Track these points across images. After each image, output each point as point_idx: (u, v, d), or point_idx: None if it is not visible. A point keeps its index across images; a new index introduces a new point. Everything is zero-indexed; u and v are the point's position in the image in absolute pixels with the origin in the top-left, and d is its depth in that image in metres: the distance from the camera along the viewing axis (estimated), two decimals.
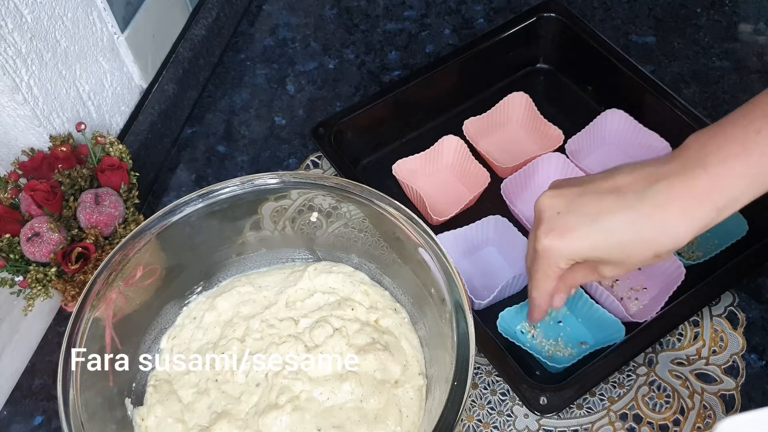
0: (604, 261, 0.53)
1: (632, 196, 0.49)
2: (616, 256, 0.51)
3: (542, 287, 0.57)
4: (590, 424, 0.65)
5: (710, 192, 0.48)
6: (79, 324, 0.55)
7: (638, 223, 0.49)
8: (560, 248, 0.52)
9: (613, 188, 0.51)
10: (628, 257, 0.51)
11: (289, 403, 0.59)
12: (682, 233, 0.49)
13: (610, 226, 0.50)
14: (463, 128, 0.78)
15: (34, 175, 0.67)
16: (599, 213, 0.50)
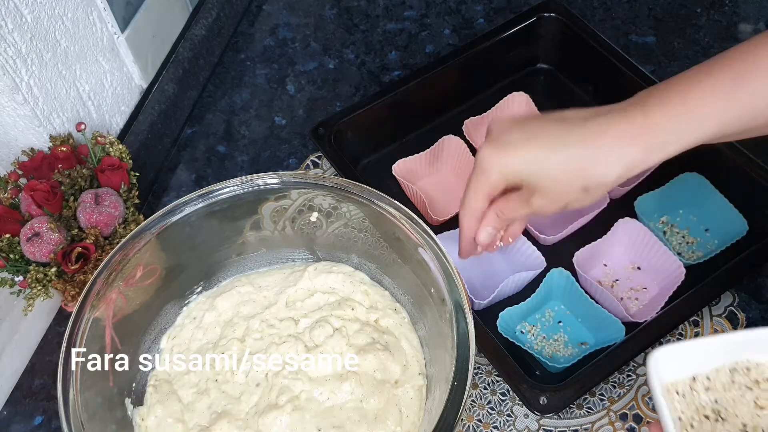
0: (534, 186, 0.54)
1: (573, 124, 0.52)
2: (544, 179, 0.53)
3: (472, 202, 0.57)
4: (590, 424, 0.65)
5: (643, 132, 0.50)
6: (79, 324, 0.55)
7: (571, 148, 0.51)
8: (497, 159, 0.53)
9: (559, 118, 0.53)
10: (556, 183, 0.52)
11: (289, 403, 0.59)
12: (610, 168, 0.51)
13: (545, 144, 0.52)
14: (463, 128, 0.78)
15: (34, 175, 0.67)
16: (539, 132, 0.53)
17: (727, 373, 0.46)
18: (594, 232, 0.71)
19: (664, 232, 0.73)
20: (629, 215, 0.71)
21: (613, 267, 0.72)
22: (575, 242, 0.70)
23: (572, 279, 0.68)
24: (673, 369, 0.46)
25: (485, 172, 0.55)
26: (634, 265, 0.72)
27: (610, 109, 0.52)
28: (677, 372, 0.46)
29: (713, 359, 0.46)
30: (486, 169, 0.54)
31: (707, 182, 0.73)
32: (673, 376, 0.46)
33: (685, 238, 0.73)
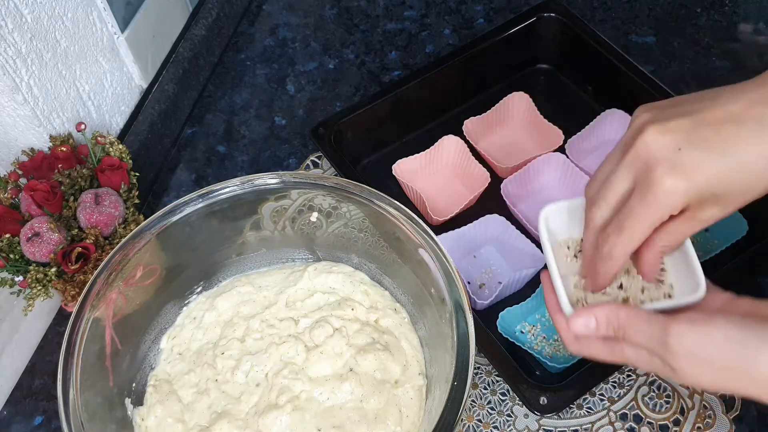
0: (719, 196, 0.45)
1: (753, 123, 0.44)
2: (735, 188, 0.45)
3: (637, 236, 0.47)
4: (590, 424, 0.65)
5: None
6: (79, 324, 0.55)
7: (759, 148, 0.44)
8: (683, 187, 0.44)
9: (729, 117, 0.45)
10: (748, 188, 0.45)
11: (289, 403, 0.59)
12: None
13: (739, 156, 0.44)
14: (463, 128, 0.78)
15: (34, 175, 0.67)
16: (725, 144, 0.44)
17: None
18: None
19: None
20: None
21: None
22: None
23: None
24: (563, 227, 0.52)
25: (666, 204, 0.45)
26: None
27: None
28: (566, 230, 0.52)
29: None
30: (670, 199, 0.45)
31: None
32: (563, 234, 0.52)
33: None
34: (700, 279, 0.48)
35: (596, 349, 0.48)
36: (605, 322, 0.46)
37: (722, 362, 0.42)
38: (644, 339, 0.45)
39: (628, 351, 0.46)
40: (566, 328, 0.49)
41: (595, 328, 0.47)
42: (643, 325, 0.45)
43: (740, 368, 0.42)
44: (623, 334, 0.46)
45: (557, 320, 0.50)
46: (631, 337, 0.45)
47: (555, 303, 0.50)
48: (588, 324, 0.47)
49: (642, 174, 0.46)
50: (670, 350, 0.43)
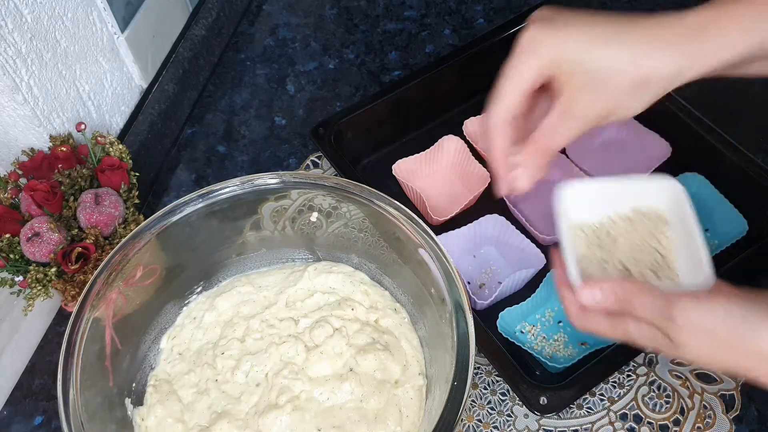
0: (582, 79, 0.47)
1: (627, 19, 0.47)
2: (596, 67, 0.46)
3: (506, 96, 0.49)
4: (590, 424, 0.65)
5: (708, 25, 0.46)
6: (79, 324, 0.55)
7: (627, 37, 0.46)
8: (549, 40, 0.47)
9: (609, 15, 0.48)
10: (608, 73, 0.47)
11: (289, 403, 0.59)
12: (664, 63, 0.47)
13: (600, 30, 0.47)
14: (463, 128, 0.78)
15: (34, 175, 0.67)
16: (590, 19, 0.47)
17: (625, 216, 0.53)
18: None
19: None
20: None
21: None
22: None
23: None
24: (580, 209, 0.53)
25: (532, 55, 0.47)
26: None
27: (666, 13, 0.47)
28: (583, 213, 0.53)
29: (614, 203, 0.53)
30: (533, 50, 0.47)
31: (707, 182, 0.73)
32: (579, 217, 0.53)
33: None
34: (707, 267, 0.49)
35: (600, 324, 0.49)
36: (612, 295, 0.47)
37: (723, 336, 0.43)
38: (649, 311, 0.46)
39: (631, 326, 0.47)
40: (573, 300, 0.50)
41: (601, 299, 0.48)
42: (648, 298, 0.46)
43: (740, 343, 0.43)
44: (628, 307, 0.47)
45: (564, 294, 0.51)
46: (635, 309, 0.46)
47: (563, 277, 0.50)
48: (595, 295, 0.48)
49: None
50: (674, 322, 0.44)
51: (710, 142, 0.73)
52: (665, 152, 0.75)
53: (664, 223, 0.52)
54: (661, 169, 0.74)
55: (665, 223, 0.52)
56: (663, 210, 0.53)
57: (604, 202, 0.53)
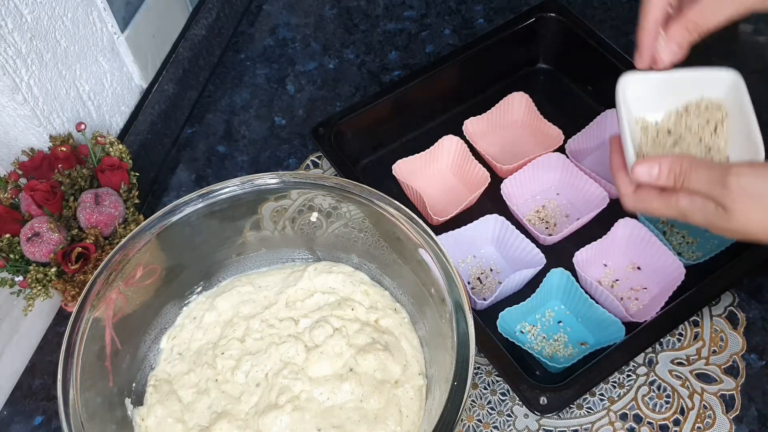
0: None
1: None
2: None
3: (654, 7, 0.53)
4: (590, 424, 0.65)
5: None
6: (79, 324, 0.55)
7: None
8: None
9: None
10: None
11: (289, 403, 0.59)
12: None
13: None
14: (463, 128, 0.78)
15: (34, 175, 0.67)
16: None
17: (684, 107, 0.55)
18: (594, 232, 0.71)
19: (664, 232, 0.73)
20: (629, 215, 0.71)
21: (613, 267, 0.72)
22: (575, 242, 0.70)
23: (572, 279, 0.68)
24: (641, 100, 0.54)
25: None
26: (634, 265, 0.72)
27: None
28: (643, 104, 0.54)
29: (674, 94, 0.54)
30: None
31: None
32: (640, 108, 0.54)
33: (685, 238, 0.73)
34: (761, 148, 0.51)
35: (653, 202, 0.51)
36: (668, 169, 0.49)
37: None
38: (704, 182, 0.47)
39: (684, 200, 0.49)
40: (627, 182, 0.52)
41: (657, 175, 0.49)
42: (704, 170, 0.47)
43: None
44: (683, 180, 0.48)
45: (619, 177, 0.53)
46: (690, 182, 0.48)
47: (619, 161, 0.53)
48: (651, 170, 0.50)
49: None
50: (729, 188, 0.46)
51: None
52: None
53: (722, 112, 0.54)
54: None
55: (723, 112, 0.54)
56: (721, 99, 0.54)
57: (664, 93, 0.54)
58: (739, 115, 0.53)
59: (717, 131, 0.53)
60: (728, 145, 0.53)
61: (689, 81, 0.54)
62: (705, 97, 0.55)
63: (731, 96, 0.54)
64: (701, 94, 0.55)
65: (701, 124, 0.54)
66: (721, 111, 0.54)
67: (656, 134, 0.54)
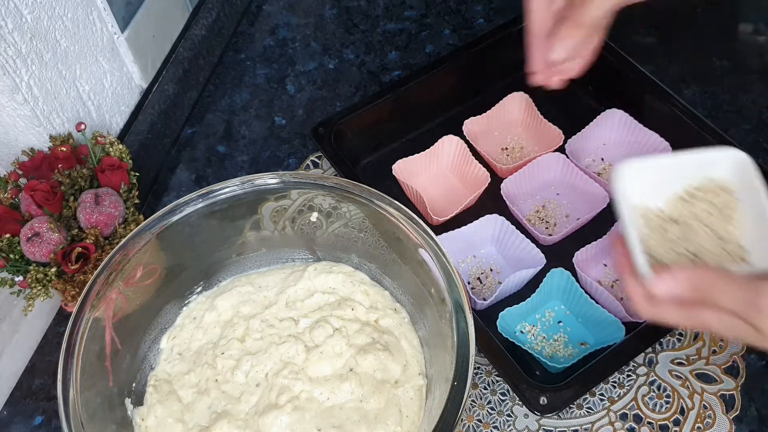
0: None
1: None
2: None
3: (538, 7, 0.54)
4: (590, 424, 0.65)
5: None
6: (79, 324, 0.55)
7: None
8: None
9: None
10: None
11: (289, 403, 0.59)
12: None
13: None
14: (463, 128, 0.78)
15: (34, 175, 0.67)
16: None
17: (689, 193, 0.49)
18: (594, 232, 0.71)
19: None
20: None
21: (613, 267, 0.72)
22: (575, 242, 0.70)
23: (572, 279, 0.68)
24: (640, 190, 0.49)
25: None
26: None
27: None
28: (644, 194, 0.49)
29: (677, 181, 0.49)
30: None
31: None
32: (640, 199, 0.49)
33: None
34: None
35: (671, 314, 0.46)
36: (689, 285, 0.44)
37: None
38: (731, 301, 0.43)
39: (709, 316, 0.44)
40: (640, 291, 0.47)
41: (679, 292, 0.45)
42: (731, 287, 0.43)
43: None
44: (707, 297, 0.44)
45: (629, 283, 0.48)
46: (717, 300, 0.44)
47: (626, 264, 0.48)
48: (668, 285, 0.45)
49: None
50: (762, 312, 0.42)
51: (710, 142, 0.73)
52: (665, 152, 0.75)
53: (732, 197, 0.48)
54: None
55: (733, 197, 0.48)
56: (729, 183, 0.49)
57: (666, 180, 0.49)
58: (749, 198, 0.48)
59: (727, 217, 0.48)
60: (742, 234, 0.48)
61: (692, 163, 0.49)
62: (710, 180, 0.49)
63: (739, 177, 0.48)
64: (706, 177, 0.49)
65: (708, 210, 0.49)
66: (730, 194, 0.49)
67: (660, 225, 0.49)
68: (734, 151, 0.48)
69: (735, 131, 0.78)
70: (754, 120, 0.83)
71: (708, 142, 0.73)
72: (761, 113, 0.84)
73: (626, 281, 0.48)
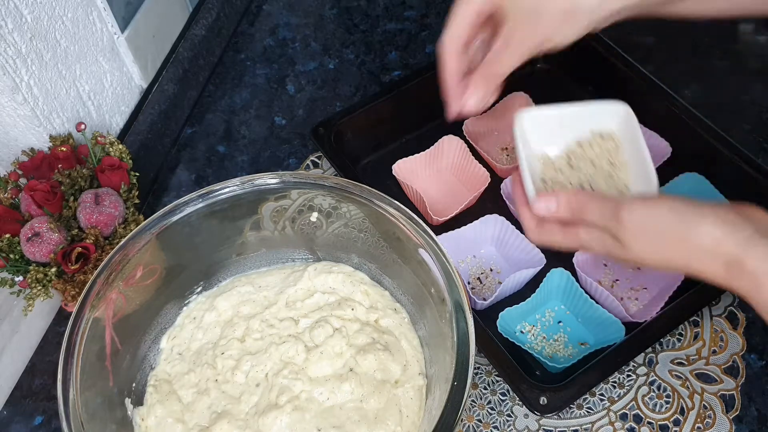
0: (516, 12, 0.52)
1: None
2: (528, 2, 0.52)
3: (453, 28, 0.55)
4: (590, 424, 0.65)
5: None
6: (79, 324, 0.55)
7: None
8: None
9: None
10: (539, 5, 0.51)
11: (289, 403, 0.59)
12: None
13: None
14: (463, 128, 0.78)
15: (34, 175, 0.67)
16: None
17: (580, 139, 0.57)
18: None
19: None
20: None
21: (613, 267, 0.72)
22: None
23: (572, 279, 0.68)
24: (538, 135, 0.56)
25: None
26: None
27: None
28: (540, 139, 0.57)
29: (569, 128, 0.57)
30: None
31: (707, 182, 0.73)
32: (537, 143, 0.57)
33: None
34: (653, 179, 0.53)
35: (555, 235, 0.53)
36: (565, 203, 0.51)
37: (667, 233, 0.47)
38: (598, 215, 0.49)
39: (583, 232, 0.51)
40: (531, 218, 0.54)
41: (555, 209, 0.52)
42: (598, 203, 0.50)
43: (680, 238, 0.46)
44: (580, 214, 0.50)
45: (523, 212, 0.55)
46: (586, 215, 0.50)
47: (522, 195, 0.54)
48: (549, 205, 0.52)
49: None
50: (622, 222, 0.48)
51: (710, 142, 0.73)
52: (665, 152, 0.75)
53: (616, 143, 0.56)
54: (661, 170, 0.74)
55: (617, 142, 0.56)
56: (614, 131, 0.56)
57: (559, 127, 0.56)
58: (631, 145, 0.55)
59: (613, 162, 0.56)
60: (628, 175, 0.55)
61: (583, 114, 0.57)
62: (599, 129, 0.57)
63: (623, 127, 0.56)
64: (595, 127, 0.57)
65: (599, 154, 0.56)
66: (614, 141, 0.56)
67: (557, 167, 0.56)
68: (618, 104, 0.56)
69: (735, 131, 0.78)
70: (754, 120, 0.83)
71: (708, 142, 0.73)
72: (761, 113, 0.84)
73: (521, 212, 0.55)
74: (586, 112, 0.57)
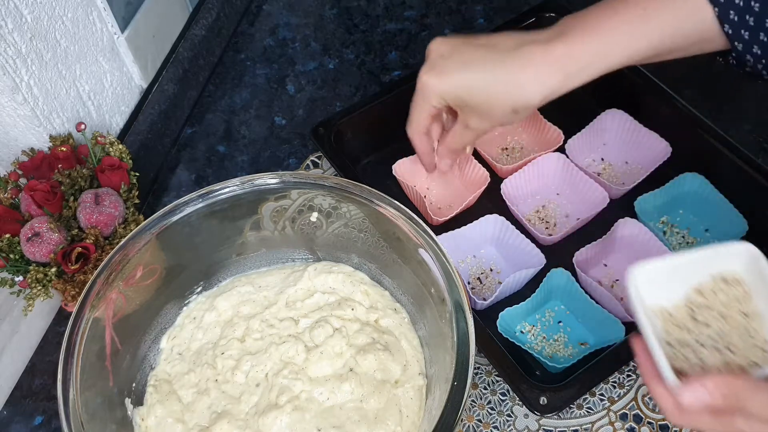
0: (470, 106, 0.59)
1: (501, 53, 0.57)
2: (477, 101, 0.58)
3: (416, 121, 0.64)
4: (590, 424, 0.65)
5: (563, 61, 0.56)
6: (79, 324, 0.55)
7: (499, 76, 0.57)
8: (434, 84, 0.60)
9: (489, 44, 0.59)
10: (488, 105, 0.58)
11: (289, 403, 0.59)
12: (533, 94, 0.57)
13: (476, 72, 0.58)
14: None
15: (34, 175, 0.67)
16: (471, 60, 0.58)
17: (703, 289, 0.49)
18: (594, 232, 0.71)
19: (664, 232, 0.73)
20: (629, 215, 0.71)
21: (613, 267, 0.72)
22: (575, 242, 0.70)
23: (572, 279, 0.68)
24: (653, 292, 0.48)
25: (426, 97, 0.61)
26: None
27: (533, 39, 0.57)
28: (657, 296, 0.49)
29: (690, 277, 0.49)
30: (426, 94, 0.61)
31: (707, 182, 0.73)
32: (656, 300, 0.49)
33: (685, 238, 0.73)
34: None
35: (703, 422, 0.45)
36: (719, 395, 0.44)
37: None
38: (760, 407, 0.43)
39: (740, 422, 0.44)
40: (668, 398, 0.46)
41: (708, 401, 0.44)
42: (761, 395, 0.43)
43: None
44: (737, 403, 0.44)
45: (656, 390, 0.47)
46: (749, 407, 0.43)
47: (652, 370, 0.47)
48: (697, 395, 0.44)
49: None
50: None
51: (710, 142, 0.73)
52: (665, 152, 0.75)
53: (745, 289, 0.48)
54: (661, 169, 0.74)
55: (745, 289, 0.48)
56: (741, 275, 0.48)
57: (679, 279, 0.49)
58: (763, 289, 0.47)
59: (746, 312, 0.48)
60: (763, 326, 0.47)
61: (701, 260, 0.48)
62: (720, 274, 0.49)
63: (751, 270, 0.48)
64: (720, 271, 0.49)
65: (725, 303, 0.48)
66: (742, 287, 0.48)
67: (679, 323, 0.48)
68: (743, 245, 0.48)
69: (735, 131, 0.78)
70: (754, 120, 0.83)
71: (708, 142, 0.73)
72: (761, 113, 0.84)
73: (653, 389, 0.47)
74: (707, 257, 0.48)
